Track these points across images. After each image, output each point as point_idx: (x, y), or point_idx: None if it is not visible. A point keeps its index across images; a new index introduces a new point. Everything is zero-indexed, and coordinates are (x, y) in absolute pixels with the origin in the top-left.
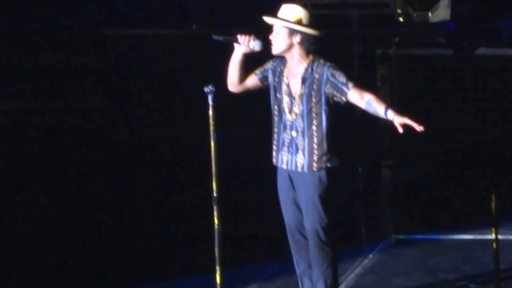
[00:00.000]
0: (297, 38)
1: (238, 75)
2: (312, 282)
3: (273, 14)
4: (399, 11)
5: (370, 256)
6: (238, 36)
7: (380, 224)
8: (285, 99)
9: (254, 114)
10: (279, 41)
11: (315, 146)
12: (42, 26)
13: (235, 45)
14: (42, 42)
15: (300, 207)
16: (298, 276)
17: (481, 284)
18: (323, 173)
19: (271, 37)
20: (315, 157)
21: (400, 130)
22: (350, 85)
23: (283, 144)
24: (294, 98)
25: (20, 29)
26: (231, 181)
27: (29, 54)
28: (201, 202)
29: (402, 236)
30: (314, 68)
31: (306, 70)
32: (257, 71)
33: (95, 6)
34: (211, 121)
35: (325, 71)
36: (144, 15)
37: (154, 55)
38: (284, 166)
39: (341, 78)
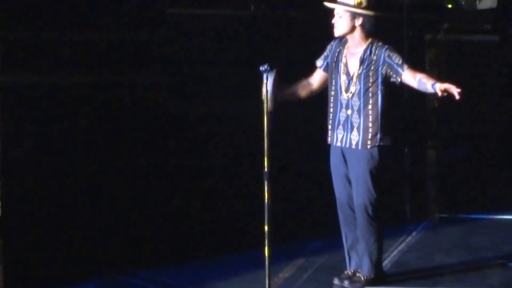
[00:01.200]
0: (359, 21)
1: (304, 90)
2: (358, 256)
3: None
4: None
5: (414, 233)
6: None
7: (424, 204)
8: (342, 78)
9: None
10: (341, 24)
11: (370, 124)
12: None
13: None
14: (105, 19)
15: (351, 183)
16: (346, 250)
17: None
18: (375, 151)
19: (333, 20)
20: (369, 135)
21: (439, 94)
22: (405, 66)
23: (339, 123)
24: (351, 77)
25: (84, 7)
26: (282, 158)
27: (91, 31)
28: (253, 178)
29: (445, 215)
30: (373, 50)
31: (365, 51)
32: (318, 64)
33: None
34: (265, 99)
35: (383, 53)
36: None
37: (212, 34)
38: (339, 144)
39: (397, 59)
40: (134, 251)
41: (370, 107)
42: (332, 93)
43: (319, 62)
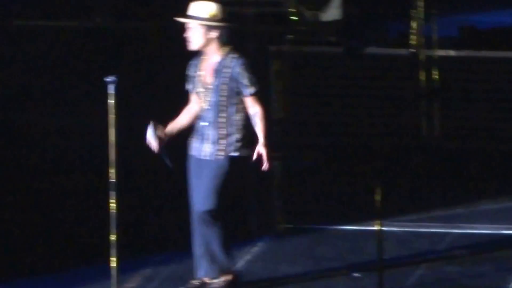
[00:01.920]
0: (215, 33)
1: (190, 118)
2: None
3: (183, 13)
4: (292, 9)
5: (259, 244)
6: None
7: (269, 215)
8: (201, 90)
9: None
10: (196, 38)
11: (221, 136)
12: None
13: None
14: None
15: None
16: (196, 258)
17: (365, 272)
18: (225, 160)
19: (187, 35)
20: (220, 147)
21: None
22: (250, 91)
23: (196, 133)
24: (207, 89)
25: None
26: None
27: None
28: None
29: (290, 226)
30: (227, 61)
31: (219, 62)
32: (189, 88)
33: None
34: (112, 110)
35: (236, 68)
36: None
37: (58, 46)
38: (193, 153)
39: (246, 80)
40: None
41: (223, 119)
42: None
43: (189, 86)
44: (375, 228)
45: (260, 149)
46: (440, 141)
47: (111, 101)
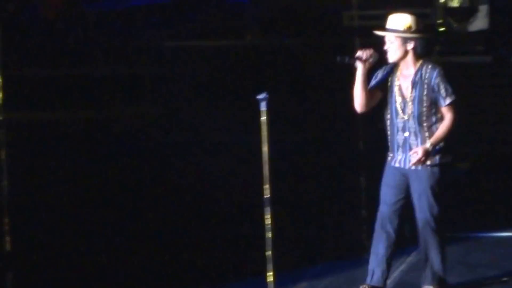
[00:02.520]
0: (411, 45)
1: (366, 95)
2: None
3: (383, 26)
4: (440, 21)
5: (414, 253)
6: (360, 53)
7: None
8: (398, 101)
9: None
10: (394, 50)
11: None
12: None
13: (357, 64)
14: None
15: (412, 200)
16: (371, 264)
17: None
18: (435, 168)
19: (385, 47)
20: (430, 155)
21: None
22: (447, 101)
23: (398, 145)
24: (406, 100)
25: None
26: (285, 184)
27: None
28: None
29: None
30: (423, 72)
31: (416, 74)
32: (374, 83)
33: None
34: (264, 127)
35: (433, 78)
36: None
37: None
38: (397, 165)
39: (442, 91)
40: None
41: (426, 129)
42: (388, 116)
43: (374, 82)
44: None
45: (419, 149)
46: None
47: (263, 118)
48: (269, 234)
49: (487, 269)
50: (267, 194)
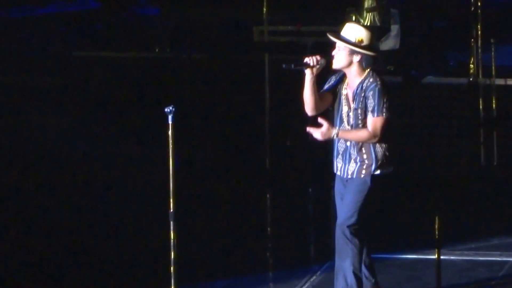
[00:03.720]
0: (357, 57)
1: (315, 98)
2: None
3: (336, 32)
4: None
5: (318, 273)
6: (307, 59)
7: (328, 244)
8: (344, 110)
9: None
10: (340, 58)
11: (364, 156)
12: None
13: (305, 70)
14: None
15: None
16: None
17: None
18: (368, 179)
19: (333, 52)
20: (364, 166)
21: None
22: (370, 115)
23: (338, 153)
24: (350, 110)
25: None
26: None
27: None
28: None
29: None
30: (364, 85)
31: (358, 86)
32: (326, 88)
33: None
34: (170, 141)
35: (368, 91)
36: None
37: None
38: (338, 173)
39: (370, 104)
40: None
41: (360, 143)
42: (335, 122)
43: (326, 86)
44: (434, 256)
45: (328, 126)
46: (498, 170)
47: (170, 131)
48: (172, 249)
49: None
50: (171, 208)
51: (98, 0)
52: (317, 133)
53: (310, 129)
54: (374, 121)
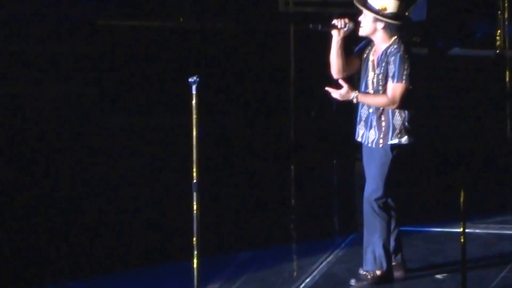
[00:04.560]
0: (380, 25)
1: (343, 61)
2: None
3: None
4: None
5: (342, 245)
6: (335, 21)
7: (352, 216)
8: (370, 75)
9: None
10: (365, 25)
11: (383, 124)
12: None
13: (333, 32)
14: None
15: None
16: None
17: (448, 274)
18: (388, 149)
19: (359, 18)
20: (382, 134)
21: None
22: (390, 81)
23: (360, 119)
24: (374, 76)
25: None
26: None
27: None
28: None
29: None
30: (388, 51)
31: (383, 52)
32: (356, 52)
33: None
34: (194, 110)
35: (392, 55)
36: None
37: (143, 45)
38: (359, 139)
39: (391, 70)
40: (61, 261)
41: (381, 108)
42: (360, 88)
43: (356, 49)
44: (459, 230)
45: (347, 89)
46: None
47: (194, 101)
48: (195, 220)
49: (415, 263)
50: (194, 179)
51: None
52: (336, 94)
53: (329, 89)
54: (393, 87)
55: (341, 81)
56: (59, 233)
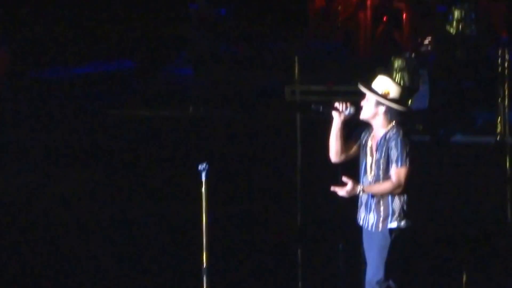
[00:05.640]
0: (382, 109)
1: (341, 144)
2: None
3: (368, 83)
4: None
5: None
6: (336, 104)
7: None
8: (368, 160)
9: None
10: (367, 108)
11: (381, 208)
12: None
13: (333, 114)
14: None
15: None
16: None
17: None
18: (386, 233)
19: (362, 103)
20: (382, 218)
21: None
22: (393, 166)
23: (361, 203)
24: (373, 161)
25: None
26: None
27: None
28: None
29: None
30: (388, 136)
31: (382, 137)
32: (354, 137)
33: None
34: (203, 198)
35: (390, 141)
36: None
37: (153, 134)
38: (361, 222)
39: (393, 155)
40: None
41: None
42: (360, 172)
43: (354, 137)
44: None
45: (352, 185)
46: None
47: (203, 188)
48: None
49: None
50: (204, 264)
51: (133, 60)
52: (342, 192)
53: (335, 188)
54: (398, 172)
55: (344, 179)
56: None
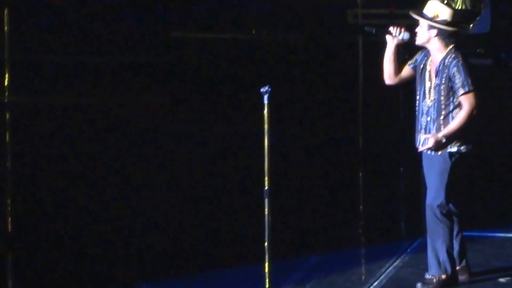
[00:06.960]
0: (434, 32)
1: (394, 67)
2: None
3: (419, 9)
4: None
5: (408, 250)
6: (390, 28)
7: (418, 221)
8: (427, 85)
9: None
10: (420, 34)
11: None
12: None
13: (387, 38)
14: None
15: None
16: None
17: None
18: (446, 156)
19: (416, 29)
20: (441, 143)
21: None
22: (461, 91)
23: (421, 128)
24: (431, 86)
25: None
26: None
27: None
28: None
29: None
30: (447, 61)
31: (441, 62)
32: (410, 62)
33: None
34: (265, 120)
35: (451, 68)
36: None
37: (216, 56)
38: (420, 147)
39: (458, 81)
40: (132, 264)
41: (442, 117)
42: (417, 97)
43: (410, 61)
44: None
45: (430, 137)
46: None
47: (266, 111)
48: (267, 225)
49: (479, 267)
50: (266, 186)
51: None
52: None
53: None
54: (467, 97)
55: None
56: (130, 234)
